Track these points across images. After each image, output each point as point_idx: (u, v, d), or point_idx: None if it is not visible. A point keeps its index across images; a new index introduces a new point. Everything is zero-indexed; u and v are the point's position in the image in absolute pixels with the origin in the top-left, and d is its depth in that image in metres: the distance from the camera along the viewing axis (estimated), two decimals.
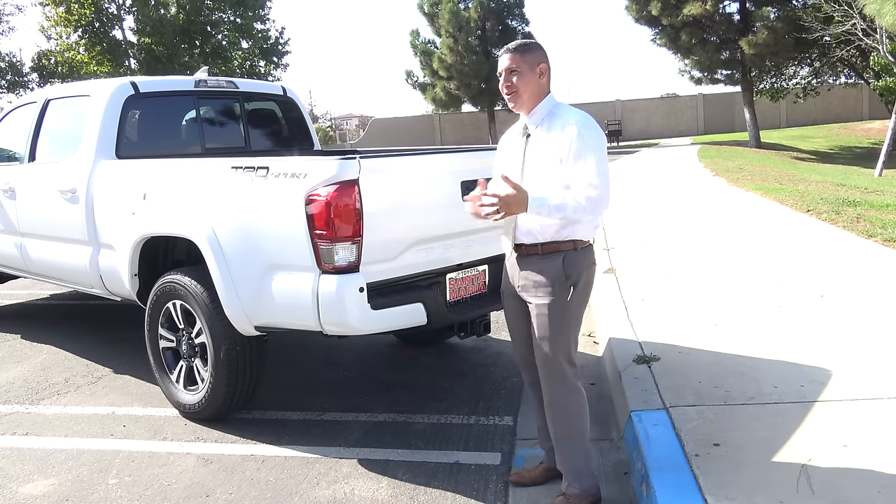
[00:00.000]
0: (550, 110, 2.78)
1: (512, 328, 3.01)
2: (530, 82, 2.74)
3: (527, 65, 2.73)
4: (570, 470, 2.83)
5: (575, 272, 2.73)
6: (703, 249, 7.13)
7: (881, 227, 7.50)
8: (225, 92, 5.13)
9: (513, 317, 2.96)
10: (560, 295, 2.72)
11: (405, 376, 4.58)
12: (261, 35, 34.29)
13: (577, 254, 2.75)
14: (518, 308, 2.90)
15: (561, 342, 2.74)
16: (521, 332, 2.93)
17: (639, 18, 28.17)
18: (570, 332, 2.77)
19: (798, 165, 21.16)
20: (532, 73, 2.74)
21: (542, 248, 2.73)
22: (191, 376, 3.91)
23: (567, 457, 2.84)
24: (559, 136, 2.68)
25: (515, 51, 2.76)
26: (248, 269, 3.38)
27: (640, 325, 4.72)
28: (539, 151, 2.73)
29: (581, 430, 2.83)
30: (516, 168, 2.78)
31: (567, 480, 2.84)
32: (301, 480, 3.23)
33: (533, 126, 2.78)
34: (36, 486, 3.31)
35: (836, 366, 3.75)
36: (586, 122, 2.69)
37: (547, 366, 2.78)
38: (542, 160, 2.71)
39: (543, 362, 2.79)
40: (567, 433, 2.83)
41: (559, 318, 2.73)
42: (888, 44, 18.68)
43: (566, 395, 2.79)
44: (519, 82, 2.74)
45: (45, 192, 4.74)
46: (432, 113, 42.16)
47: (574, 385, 2.80)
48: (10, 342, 5.74)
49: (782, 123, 37.92)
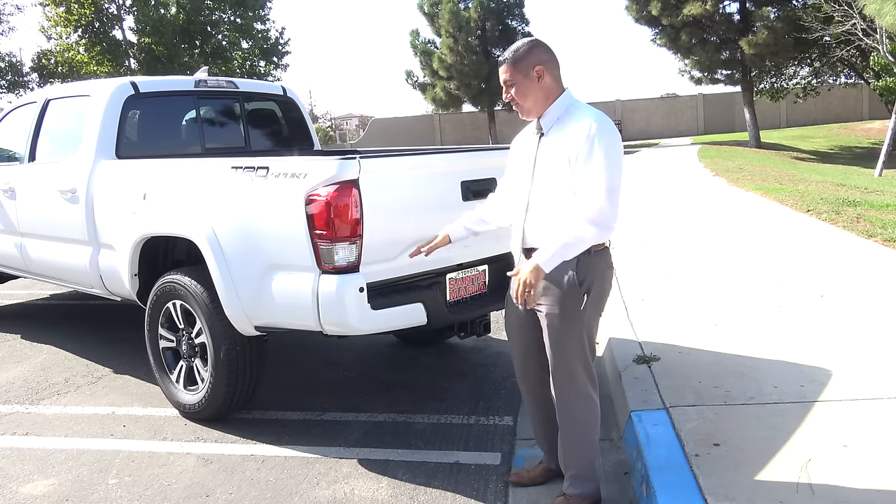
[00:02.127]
0: (566, 109, 2.64)
1: (512, 337, 2.93)
2: (529, 90, 2.63)
3: (520, 73, 2.62)
4: (573, 471, 2.81)
5: (589, 278, 2.61)
6: (704, 249, 7.13)
7: (881, 227, 7.50)
8: (225, 92, 5.12)
9: (516, 325, 2.87)
10: (573, 302, 2.61)
11: (405, 376, 4.58)
12: (261, 35, 34.26)
13: (592, 258, 2.62)
14: (522, 317, 2.81)
15: (575, 351, 2.66)
16: (523, 341, 2.86)
17: (639, 18, 28.14)
18: (585, 340, 2.67)
19: (798, 165, 21.16)
20: (528, 80, 2.62)
21: None
22: (191, 376, 3.91)
23: (571, 459, 2.81)
24: (570, 136, 2.56)
25: (505, 62, 2.65)
26: (248, 269, 3.38)
27: (640, 325, 4.72)
28: (550, 153, 2.62)
29: (588, 439, 2.79)
30: (527, 170, 2.70)
31: (568, 481, 2.82)
32: (301, 480, 3.23)
33: (547, 126, 2.67)
34: (36, 486, 3.31)
35: (836, 366, 3.75)
36: (600, 123, 2.54)
37: (559, 374, 2.70)
38: (552, 162, 2.61)
39: (555, 371, 2.71)
40: (573, 438, 2.78)
41: (571, 326, 2.63)
42: (888, 44, 18.68)
43: (577, 404, 2.73)
44: (517, 93, 2.65)
45: (45, 192, 4.74)
46: (432, 113, 42.14)
47: (586, 393, 2.72)
48: (10, 342, 5.74)
49: (782, 123, 37.90)
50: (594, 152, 2.50)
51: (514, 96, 2.66)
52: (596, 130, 2.52)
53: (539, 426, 3.04)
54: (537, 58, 2.63)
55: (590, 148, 2.51)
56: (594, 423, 2.78)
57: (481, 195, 3.63)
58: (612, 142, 2.54)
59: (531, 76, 2.62)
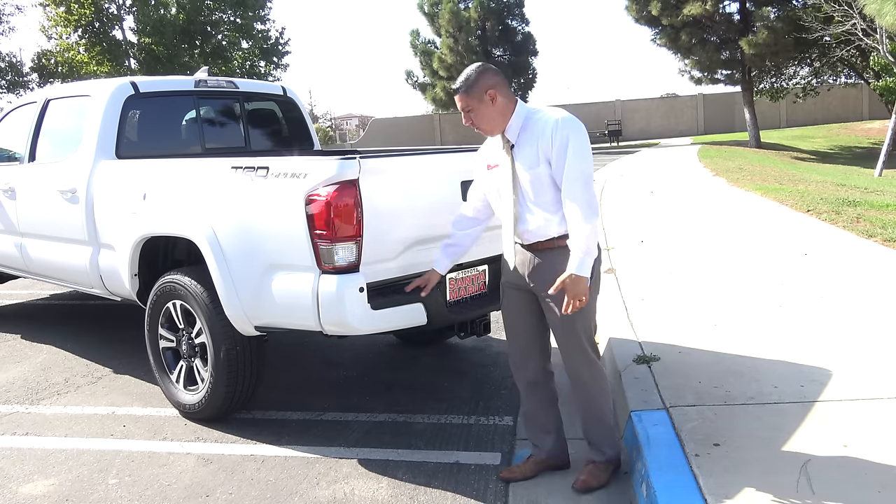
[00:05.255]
0: (526, 117, 2.85)
1: (511, 321, 3.10)
2: (486, 113, 2.84)
3: (475, 100, 2.82)
4: (596, 440, 3.04)
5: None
6: (704, 249, 7.13)
7: (881, 227, 7.50)
8: (225, 92, 5.12)
9: (515, 310, 3.05)
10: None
11: (405, 376, 4.58)
12: (261, 35, 34.27)
13: None
14: (522, 301, 3.01)
15: (583, 327, 2.89)
16: (523, 324, 3.05)
17: (639, 18, 28.16)
18: (590, 317, 2.93)
19: (798, 165, 21.16)
20: (483, 104, 2.83)
21: (558, 242, 2.83)
22: (191, 376, 3.91)
23: (593, 430, 3.04)
24: (541, 138, 2.77)
25: (459, 91, 2.85)
26: (248, 269, 3.38)
27: (640, 325, 4.72)
28: (527, 160, 2.81)
29: (605, 405, 3.02)
30: (507, 182, 2.88)
31: (594, 449, 3.05)
32: (301, 480, 3.23)
33: (513, 136, 2.86)
34: (36, 486, 3.31)
35: (836, 366, 3.75)
36: (563, 119, 2.76)
37: (570, 351, 2.94)
38: (531, 167, 2.80)
39: (566, 349, 2.95)
40: (593, 409, 3.01)
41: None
42: (888, 44, 18.68)
43: (590, 373, 2.96)
44: (476, 118, 2.85)
45: (45, 192, 4.74)
46: (432, 113, 42.17)
47: (596, 363, 2.97)
48: (10, 342, 5.74)
49: (782, 123, 37.91)
50: (568, 147, 2.73)
51: (474, 120, 2.86)
52: (562, 126, 2.75)
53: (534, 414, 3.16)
54: (487, 82, 2.83)
55: (562, 143, 2.73)
56: (606, 390, 3.05)
57: None
58: (579, 133, 2.76)
59: (485, 100, 2.82)
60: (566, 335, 2.92)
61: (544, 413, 3.14)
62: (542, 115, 2.82)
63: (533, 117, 2.83)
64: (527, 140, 2.81)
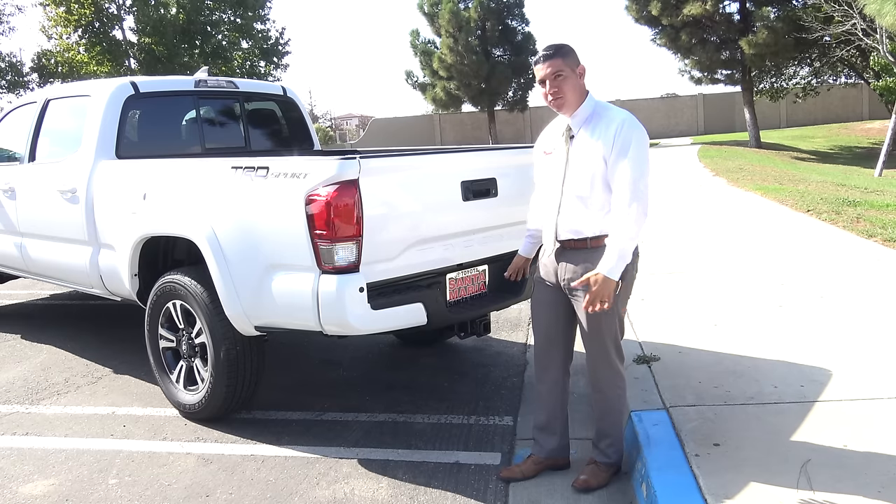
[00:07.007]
0: (593, 110, 2.85)
1: (538, 315, 3.10)
2: (574, 83, 2.83)
3: (569, 67, 2.82)
4: (604, 442, 3.04)
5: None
6: (704, 249, 7.13)
7: (881, 227, 7.50)
8: (225, 92, 5.12)
9: (545, 305, 3.05)
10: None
11: (405, 376, 4.58)
12: (261, 35, 34.23)
13: None
14: (551, 296, 3.01)
15: (609, 331, 2.89)
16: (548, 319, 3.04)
17: (639, 18, 28.12)
18: (616, 321, 2.91)
19: (798, 165, 21.15)
20: (575, 75, 2.83)
21: (591, 242, 2.85)
22: (191, 376, 3.91)
23: (605, 431, 3.04)
24: (604, 135, 2.76)
25: (557, 55, 2.81)
26: (248, 269, 3.38)
27: (640, 325, 4.72)
28: (583, 152, 2.81)
29: (620, 410, 3.04)
30: (559, 171, 2.87)
31: (600, 450, 3.05)
32: (301, 480, 3.23)
33: (576, 127, 2.85)
34: (36, 486, 3.31)
35: (836, 366, 3.75)
36: (630, 121, 2.78)
37: (594, 352, 2.95)
38: (586, 161, 2.79)
39: (591, 349, 2.96)
40: (608, 412, 3.02)
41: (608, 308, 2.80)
42: (888, 44, 18.67)
43: (611, 379, 2.97)
44: (565, 86, 2.82)
45: (46, 192, 4.74)
46: (432, 113, 42.10)
47: (618, 369, 2.98)
48: (10, 342, 5.75)
49: (782, 123, 37.88)
50: (629, 150, 2.72)
51: (562, 86, 2.81)
52: (627, 128, 2.76)
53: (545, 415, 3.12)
54: (577, 57, 2.87)
55: (624, 145, 2.72)
56: (624, 395, 3.07)
57: (481, 195, 3.65)
58: (642, 138, 2.77)
59: (577, 72, 2.84)
60: (590, 334, 2.91)
61: (555, 414, 3.11)
62: (609, 112, 2.83)
63: (600, 112, 2.84)
64: (588, 133, 2.82)
